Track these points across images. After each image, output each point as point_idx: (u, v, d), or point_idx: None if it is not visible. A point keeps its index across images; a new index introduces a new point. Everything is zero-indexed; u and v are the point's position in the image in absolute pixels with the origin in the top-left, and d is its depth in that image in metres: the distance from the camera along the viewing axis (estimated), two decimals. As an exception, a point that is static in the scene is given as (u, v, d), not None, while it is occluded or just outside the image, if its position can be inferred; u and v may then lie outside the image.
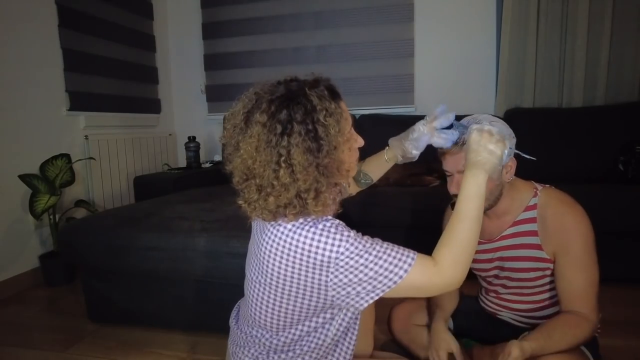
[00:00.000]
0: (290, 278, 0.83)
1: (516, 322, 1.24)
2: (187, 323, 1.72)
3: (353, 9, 3.09)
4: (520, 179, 1.18)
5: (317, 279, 0.81)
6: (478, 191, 0.89)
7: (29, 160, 2.28)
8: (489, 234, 1.22)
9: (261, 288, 0.88)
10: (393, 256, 0.81)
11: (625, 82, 2.67)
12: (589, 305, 1.05)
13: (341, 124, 0.83)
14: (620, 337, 1.52)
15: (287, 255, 0.81)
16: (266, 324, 0.91)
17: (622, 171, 2.33)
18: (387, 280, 0.80)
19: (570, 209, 1.09)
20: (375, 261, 0.80)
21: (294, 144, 0.77)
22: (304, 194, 0.79)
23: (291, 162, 0.77)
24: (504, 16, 2.78)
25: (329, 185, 0.81)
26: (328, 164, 0.80)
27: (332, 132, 0.80)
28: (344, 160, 0.85)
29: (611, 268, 1.96)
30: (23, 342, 1.70)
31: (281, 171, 0.78)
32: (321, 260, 0.79)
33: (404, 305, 1.41)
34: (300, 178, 0.78)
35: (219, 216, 1.74)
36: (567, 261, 1.07)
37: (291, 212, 0.80)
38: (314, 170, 0.78)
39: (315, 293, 0.83)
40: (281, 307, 0.87)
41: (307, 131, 0.78)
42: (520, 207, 1.15)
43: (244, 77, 3.35)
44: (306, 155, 0.77)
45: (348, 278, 0.80)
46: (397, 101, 3.10)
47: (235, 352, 1.00)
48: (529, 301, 1.19)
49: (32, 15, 2.32)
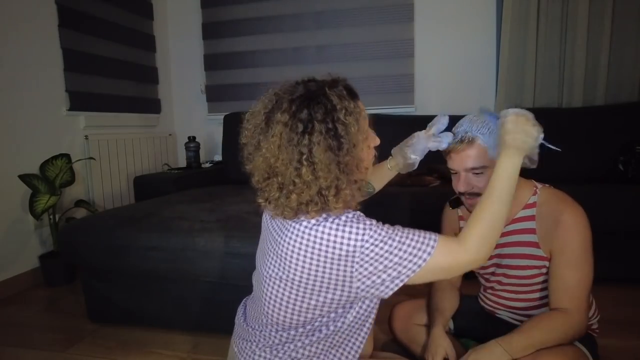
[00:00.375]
0: (314, 272, 0.83)
1: (514, 320, 1.24)
2: (187, 323, 1.72)
3: (353, 9, 3.09)
4: (520, 177, 1.18)
5: (342, 270, 0.81)
6: (513, 172, 0.89)
7: (29, 160, 2.28)
8: None
9: (282, 284, 0.87)
10: (416, 240, 0.82)
11: (625, 82, 2.67)
12: (578, 304, 1.05)
13: (360, 122, 0.85)
14: (620, 337, 1.52)
15: (312, 249, 0.82)
16: (280, 321, 0.91)
17: (622, 171, 2.33)
18: (412, 265, 0.81)
19: (569, 208, 1.10)
20: (399, 247, 0.81)
21: (315, 142, 0.79)
22: (325, 191, 0.80)
23: (313, 160, 0.79)
24: (504, 16, 2.78)
25: (349, 183, 0.82)
26: (348, 162, 0.81)
27: (352, 130, 0.82)
28: (363, 158, 0.87)
29: (611, 268, 1.98)
30: (23, 342, 1.70)
31: (303, 169, 0.79)
32: (347, 251, 0.80)
33: (404, 305, 1.42)
34: (322, 175, 0.79)
35: (219, 216, 1.74)
36: (562, 259, 1.08)
37: (313, 209, 0.81)
38: (335, 168, 0.80)
39: (339, 286, 0.83)
40: (303, 303, 0.87)
41: (327, 130, 0.80)
42: (519, 204, 1.15)
43: (244, 77, 3.35)
44: (327, 153, 0.79)
45: (373, 266, 0.81)
46: (397, 101, 3.10)
47: (243, 347, 1.00)
48: (525, 299, 1.20)
49: (32, 15, 2.32)
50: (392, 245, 0.81)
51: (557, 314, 1.06)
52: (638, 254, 1.97)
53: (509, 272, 1.19)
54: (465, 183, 1.11)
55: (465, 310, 1.34)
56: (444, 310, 1.28)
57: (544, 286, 1.15)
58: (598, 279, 1.87)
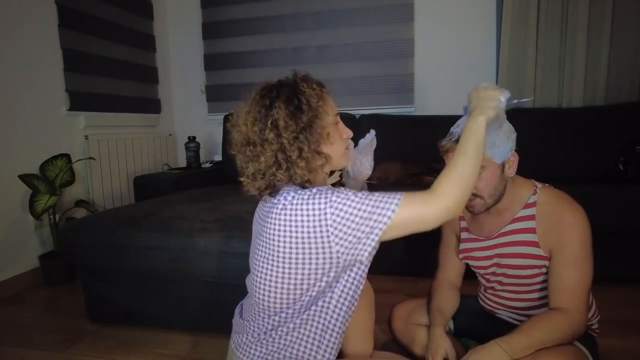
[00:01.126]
0: (296, 244, 0.88)
1: (514, 320, 1.24)
2: (187, 323, 1.72)
3: (353, 9, 3.09)
4: (520, 177, 1.19)
5: (319, 236, 0.86)
6: (477, 129, 0.94)
7: (29, 160, 2.28)
8: (487, 230, 1.23)
9: (269, 265, 0.93)
10: (382, 196, 0.88)
11: (625, 82, 2.67)
12: (577, 304, 1.05)
13: (324, 100, 0.96)
14: (620, 337, 1.52)
15: (290, 222, 0.88)
16: (271, 304, 0.95)
17: (622, 171, 2.33)
18: (382, 217, 0.85)
19: (570, 207, 1.10)
20: (366, 202, 0.86)
21: (278, 108, 0.92)
22: (288, 151, 0.91)
23: (276, 122, 0.91)
24: (504, 16, 2.78)
25: (313, 151, 0.93)
26: (310, 125, 0.92)
27: (313, 101, 0.93)
28: (330, 133, 0.96)
29: (611, 268, 1.98)
30: (23, 342, 1.70)
31: (267, 130, 0.92)
32: (319, 215, 0.86)
33: (404, 305, 1.42)
34: (284, 135, 0.91)
35: (219, 216, 1.74)
36: (562, 259, 1.08)
37: (280, 171, 0.91)
38: (296, 128, 0.91)
39: (321, 253, 0.88)
40: (290, 279, 0.91)
41: (290, 100, 0.93)
42: (519, 204, 1.16)
43: (244, 77, 3.35)
44: (288, 117, 0.91)
45: (346, 226, 0.85)
46: (397, 101, 3.10)
47: (239, 340, 1.04)
48: (525, 299, 1.20)
49: (32, 16, 2.32)
50: (359, 201, 0.86)
51: (557, 313, 1.06)
52: (638, 254, 1.97)
53: (509, 271, 1.19)
54: None
55: (465, 310, 1.34)
56: (444, 310, 1.28)
57: (544, 286, 1.15)
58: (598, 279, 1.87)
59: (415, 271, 2.18)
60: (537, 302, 1.18)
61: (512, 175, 1.14)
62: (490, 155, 1.09)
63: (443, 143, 1.13)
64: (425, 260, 2.19)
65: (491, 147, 1.08)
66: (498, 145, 1.09)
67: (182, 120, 3.59)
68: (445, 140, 1.13)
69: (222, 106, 3.43)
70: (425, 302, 1.38)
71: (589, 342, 1.13)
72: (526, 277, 1.16)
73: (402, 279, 2.16)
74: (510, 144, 1.11)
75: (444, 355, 1.16)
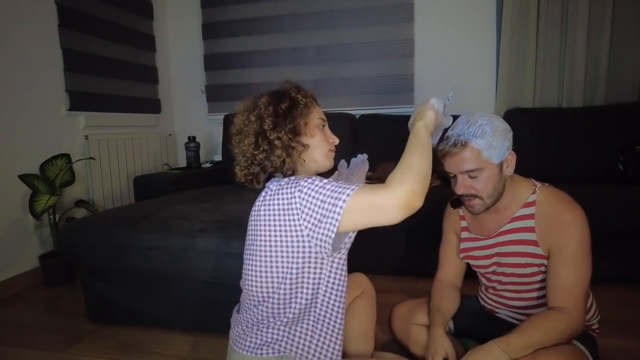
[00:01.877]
0: (274, 227, 0.96)
1: (513, 319, 1.24)
2: (186, 323, 1.72)
3: (353, 9, 3.09)
4: (519, 176, 1.19)
5: (290, 218, 0.93)
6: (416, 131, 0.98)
7: (29, 160, 2.28)
8: (487, 229, 1.23)
9: (255, 252, 1.00)
10: (341, 184, 0.92)
11: (625, 82, 2.66)
12: (575, 303, 1.06)
13: (307, 101, 1.06)
14: (620, 337, 1.52)
15: (270, 207, 0.97)
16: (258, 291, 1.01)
17: (622, 171, 2.33)
18: (337, 201, 0.88)
19: (569, 207, 1.10)
20: (327, 186, 0.92)
21: (263, 99, 1.05)
22: (268, 133, 1.00)
23: (260, 110, 1.03)
24: (504, 16, 2.78)
25: (296, 142, 1.01)
26: (290, 116, 1.02)
27: (294, 94, 1.05)
28: (309, 125, 1.05)
29: (611, 268, 1.98)
30: (23, 342, 1.70)
31: (251, 116, 1.04)
32: (290, 197, 0.93)
33: (403, 305, 1.42)
34: (266, 120, 1.01)
35: (219, 216, 1.74)
36: (560, 258, 1.08)
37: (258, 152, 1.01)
38: (276, 114, 1.01)
39: (294, 236, 0.94)
40: (272, 261, 0.98)
41: (275, 93, 1.06)
42: (519, 203, 1.16)
43: (243, 77, 3.35)
44: (270, 105, 1.03)
45: (309, 206, 0.91)
46: (397, 101, 3.09)
47: (234, 333, 1.07)
48: (525, 298, 1.20)
49: (32, 15, 2.32)
50: (322, 186, 0.92)
51: (555, 313, 1.06)
52: (638, 254, 1.97)
53: (509, 270, 1.20)
54: (463, 185, 1.13)
55: (465, 310, 1.35)
56: (444, 310, 1.28)
57: (543, 285, 1.15)
58: (598, 279, 1.87)
59: (415, 271, 2.18)
60: (537, 301, 1.18)
61: (511, 174, 1.14)
62: (488, 156, 1.09)
63: (441, 147, 1.14)
64: (425, 260, 2.19)
65: (488, 148, 1.09)
66: (495, 146, 1.09)
67: (182, 120, 3.59)
68: (442, 144, 1.14)
69: (222, 106, 3.42)
70: (425, 302, 1.38)
71: (589, 342, 1.13)
72: (525, 275, 1.17)
73: (402, 279, 2.16)
74: (507, 144, 1.11)
75: (444, 356, 1.16)
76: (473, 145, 1.09)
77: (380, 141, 2.64)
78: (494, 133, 1.09)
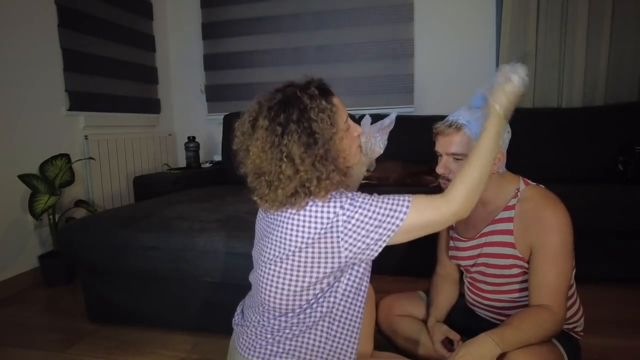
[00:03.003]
0: (305, 246, 0.90)
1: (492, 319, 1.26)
2: (186, 323, 1.72)
3: (353, 9, 3.09)
4: (511, 174, 1.20)
5: (329, 242, 0.89)
6: (497, 134, 0.96)
7: (29, 160, 2.28)
8: (472, 226, 1.24)
9: (277, 267, 0.94)
10: (392, 202, 0.90)
11: (625, 82, 2.67)
12: (558, 300, 1.05)
13: (334, 117, 0.93)
14: (620, 337, 1.52)
15: (303, 227, 0.90)
16: (277, 304, 0.96)
17: (621, 171, 2.33)
18: (391, 225, 0.87)
19: (550, 205, 1.10)
20: (376, 209, 0.89)
21: (292, 141, 0.89)
22: (307, 183, 0.89)
23: (292, 156, 0.89)
24: (504, 16, 2.78)
25: (330, 172, 0.91)
26: (325, 154, 0.91)
27: (324, 126, 0.91)
28: (342, 149, 0.96)
29: (611, 268, 1.97)
30: (23, 342, 1.70)
31: (283, 165, 0.89)
32: (330, 221, 0.88)
33: (388, 297, 1.44)
34: (302, 169, 0.89)
35: (218, 216, 1.74)
36: (542, 255, 1.08)
37: (298, 201, 0.90)
38: (313, 161, 0.89)
39: (330, 258, 0.90)
40: (298, 280, 0.93)
41: (302, 129, 0.90)
42: (504, 200, 1.16)
43: (243, 77, 3.35)
44: (303, 148, 0.89)
45: (356, 233, 0.88)
46: (397, 101, 3.10)
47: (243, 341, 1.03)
48: (504, 299, 1.21)
49: (32, 15, 2.32)
50: (370, 209, 0.88)
51: (542, 309, 1.05)
52: (638, 254, 1.96)
53: (489, 270, 1.21)
54: (444, 166, 1.15)
55: (458, 308, 1.37)
56: (440, 306, 1.33)
57: (523, 286, 1.16)
58: (598, 279, 1.87)
59: (415, 271, 2.18)
60: (516, 302, 1.19)
61: (498, 170, 1.14)
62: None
63: (437, 125, 1.16)
64: (425, 260, 2.19)
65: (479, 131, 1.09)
66: None
67: (181, 120, 3.59)
68: (439, 124, 1.15)
69: (222, 106, 3.42)
70: (408, 295, 1.44)
71: (568, 343, 1.12)
72: (508, 276, 1.17)
73: (402, 279, 2.16)
74: (500, 141, 1.11)
75: (442, 337, 1.23)
76: (465, 131, 1.10)
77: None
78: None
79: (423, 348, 1.31)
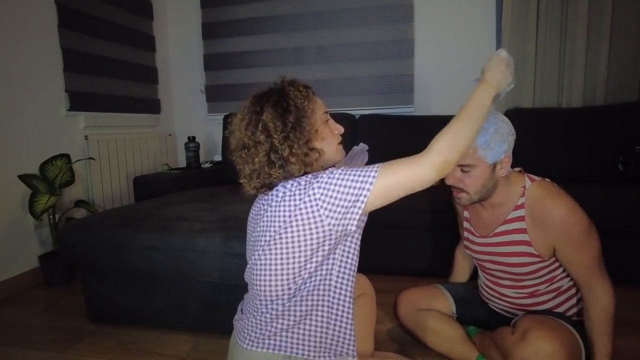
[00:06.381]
0: (292, 224, 0.94)
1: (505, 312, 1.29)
2: (186, 323, 1.72)
3: (353, 9, 3.09)
4: (513, 172, 1.22)
5: (310, 212, 0.92)
6: (483, 101, 0.97)
7: (29, 160, 2.28)
8: (484, 226, 1.27)
9: (270, 253, 0.97)
10: (363, 169, 0.93)
11: (625, 82, 2.66)
12: (598, 274, 1.14)
13: (310, 100, 1.02)
14: (620, 337, 1.51)
15: (289, 206, 0.95)
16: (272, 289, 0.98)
17: (622, 171, 2.33)
18: (362, 190, 0.90)
19: (557, 201, 1.13)
20: (350, 174, 0.93)
21: (267, 113, 0.99)
22: (280, 150, 0.97)
23: (266, 125, 0.98)
24: (504, 16, 2.78)
25: (304, 147, 0.98)
26: (299, 127, 0.98)
27: (299, 101, 1.00)
28: (319, 130, 1.02)
29: (611, 268, 1.95)
30: (23, 342, 1.70)
31: (257, 133, 0.99)
32: (308, 193, 0.93)
33: (409, 292, 1.47)
34: (274, 135, 0.97)
35: (218, 216, 1.74)
36: (569, 249, 1.13)
37: (274, 169, 0.97)
38: (285, 129, 0.97)
39: (314, 228, 0.93)
40: (289, 258, 0.96)
41: (278, 103, 1.00)
42: (513, 201, 1.19)
43: (243, 77, 3.35)
44: (277, 118, 0.98)
45: (332, 197, 0.91)
46: (397, 101, 3.09)
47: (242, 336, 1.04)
48: (525, 295, 1.24)
49: (32, 15, 2.32)
50: (343, 176, 0.93)
51: (590, 300, 1.14)
52: (638, 254, 1.97)
53: (504, 268, 1.24)
54: (453, 177, 1.17)
55: (469, 299, 1.41)
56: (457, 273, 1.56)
57: (538, 281, 1.20)
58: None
59: (415, 271, 2.18)
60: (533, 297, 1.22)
61: (505, 175, 1.17)
62: (482, 155, 1.12)
63: None
64: (426, 261, 2.20)
65: (484, 148, 1.11)
66: (492, 147, 1.12)
67: (181, 121, 3.59)
68: None
69: (222, 106, 3.42)
70: (429, 289, 1.47)
71: (582, 330, 1.17)
72: (524, 274, 1.21)
73: (402, 279, 2.16)
74: (505, 147, 1.13)
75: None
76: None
77: (380, 141, 2.64)
78: (495, 134, 1.11)
79: (447, 341, 1.35)
